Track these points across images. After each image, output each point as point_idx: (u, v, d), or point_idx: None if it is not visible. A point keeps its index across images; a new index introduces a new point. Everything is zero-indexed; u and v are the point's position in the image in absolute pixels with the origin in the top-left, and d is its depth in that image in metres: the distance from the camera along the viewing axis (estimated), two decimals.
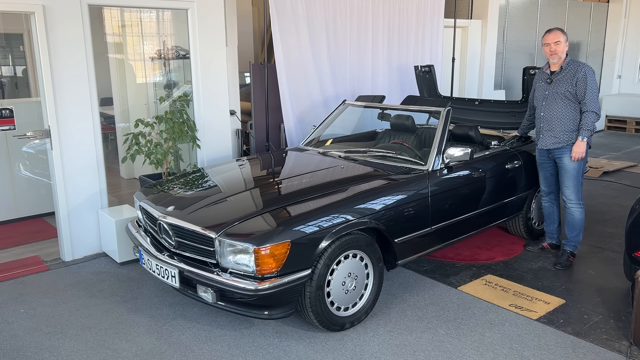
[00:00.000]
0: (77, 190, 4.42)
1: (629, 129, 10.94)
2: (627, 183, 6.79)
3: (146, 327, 3.40)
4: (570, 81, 4.02)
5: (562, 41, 4.03)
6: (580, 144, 4.03)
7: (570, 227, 4.27)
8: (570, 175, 4.14)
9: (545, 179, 4.37)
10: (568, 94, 4.03)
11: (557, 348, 3.13)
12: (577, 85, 3.99)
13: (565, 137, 4.10)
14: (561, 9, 10.53)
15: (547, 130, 4.17)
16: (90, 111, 4.37)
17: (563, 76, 4.07)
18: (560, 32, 4.06)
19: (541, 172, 4.38)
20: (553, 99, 4.11)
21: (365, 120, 5.91)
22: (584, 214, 4.24)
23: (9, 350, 3.15)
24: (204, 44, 4.94)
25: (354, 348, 3.15)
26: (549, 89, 4.13)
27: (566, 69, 4.07)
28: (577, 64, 4.04)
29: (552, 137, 4.14)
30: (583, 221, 4.25)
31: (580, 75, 3.98)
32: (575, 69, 4.03)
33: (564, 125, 4.09)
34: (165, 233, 3.36)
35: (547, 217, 4.50)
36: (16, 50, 7.98)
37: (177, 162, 5.32)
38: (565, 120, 4.08)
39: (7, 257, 4.53)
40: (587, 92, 3.96)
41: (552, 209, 4.45)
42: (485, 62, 8.93)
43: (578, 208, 4.20)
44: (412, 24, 6.86)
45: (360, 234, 3.29)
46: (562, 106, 4.07)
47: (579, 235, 4.28)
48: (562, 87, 4.05)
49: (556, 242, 4.53)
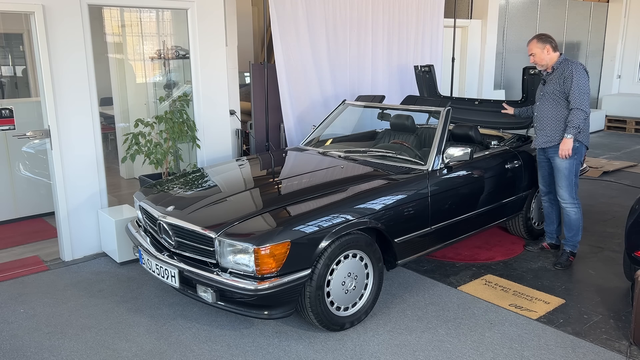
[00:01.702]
0: (77, 190, 4.42)
1: (628, 128, 10.94)
2: (627, 183, 6.79)
3: (146, 327, 3.40)
4: (558, 79, 4.05)
5: (535, 51, 4.09)
6: (566, 141, 4.01)
7: (567, 227, 4.27)
8: (562, 174, 4.13)
9: (543, 178, 4.38)
10: (557, 92, 4.06)
11: (557, 348, 3.13)
12: (564, 83, 4.01)
13: (555, 136, 4.11)
14: (561, 9, 10.53)
15: (540, 130, 4.21)
16: (90, 111, 4.37)
17: (554, 76, 4.10)
18: (533, 41, 4.11)
19: (539, 171, 4.40)
20: (545, 99, 4.15)
21: (365, 120, 5.91)
22: (580, 214, 4.22)
23: (8, 350, 3.15)
24: (203, 44, 4.94)
25: (354, 348, 3.15)
26: (544, 90, 4.18)
27: (557, 69, 4.09)
28: (567, 63, 4.04)
29: (544, 136, 4.17)
30: (580, 221, 4.24)
31: (567, 73, 3.99)
32: (564, 67, 4.04)
33: (554, 124, 4.11)
34: (165, 233, 3.36)
35: (546, 217, 4.50)
36: (16, 50, 7.98)
37: (177, 162, 5.32)
38: (554, 119, 4.10)
39: (7, 257, 4.53)
40: (572, 88, 3.95)
41: (552, 209, 4.44)
42: (485, 62, 8.93)
43: (573, 208, 4.19)
44: (412, 23, 6.86)
45: (360, 233, 3.29)
46: (552, 106, 4.10)
47: (578, 235, 4.28)
48: (552, 87, 4.09)
49: (556, 242, 4.53)
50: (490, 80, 9.17)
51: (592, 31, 11.46)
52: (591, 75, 11.77)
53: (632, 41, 11.68)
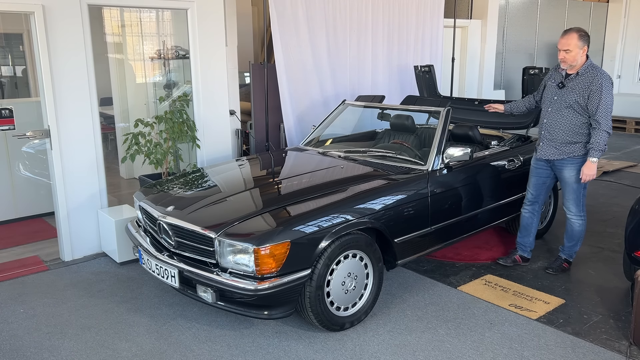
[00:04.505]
0: (77, 190, 4.42)
1: (628, 129, 10.94)
2: (627, 183, 6.79)
3: (146, 327, 3.40)
4: (582, 91, 3.63)
5: (573, 49, 3.61)
6: (590, 165, 3.66)
7: (568, 237, 4.08)
8: (571, 188, 3.89)
9: (536, 186, 4.09)
10: (577, 105, 3.67)
11: (556, 348, 3.13)
12: (589, 98, 3.60)
13: (565, 149, 3.81)
14: (561, 9, 10.53)
15: (548, 140, 3.88)
16: (90, 111, 4.37)
17: (577, 83, 3.68)
18: (575, 37, 3.61)
19: (533, 177, 4.09)
20: (559, 107, 3.78)
21: (365, 120, 5.90)
22: (584, 226, 4.01)
23: (8, 350, 3.15)
24: (203, 44, 4.94)
25: (354, 348, 3.15)
26: (559, 94, 3.78)
27: (582, 75, 3.67)
28: (596, 72, 3.62)
29: (553, 147, 3.86)
30: (583, 233, 4.03)
31: (595, 87, 3.57)
32: (592, 77, 3.61)
33: (566, 136, 3.78)
34: (165, 233, 3.36)
35: (524, 228, 4.20)
36: (16, 50, 7.98)
37: (177, 162, 5.32)
38: (567, 131, 3.77)
39: (7, 257, 4.53)
40: (600, 107, 3.56)
41: (532, 220, 4.17)
42: (485, 62, 8.94)
43: (579, 220, 3.98)
44: (412, 23, 6.86)
45: (360, 234, 3.28)
46: (567, 116, 3.74)
47: (577, 246, 4.09)
48: (572, 96, 3.68)
49: (528, 255, 4.26)
50: (490, 80, 9.17)
51: (592, 31, 11.46)
52: None
53: (632, 41, 11.68)
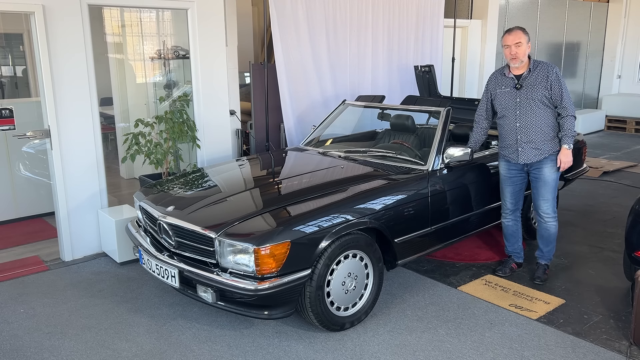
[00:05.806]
0: (77, 190, 4.42)
1: (628, 129, 10.94)
2: (627, 183, 6.79)
3: (146, 327, 3.40)
4: (544, 85, 3.68)
5: (523, 42, 3.66)
6: (566, 152, 3.70)
7: (545, 241, 3.99)
8: (549, 187, 3.82)
9: (514, 195, 4.00)
10: (544, 99, 3.69)
11: (557, 348, 3.13)
12: (552, 89, 3.67)
13: (546, 147, 3.76)
14: (561, 9, 10.53)
15: (527, 142, 3.78)
16: (90, 111, 4.37)
17: (534, 79, 3.71)
18: (521, 32, 3.69)
19: (509, 187, 3.99)
20: (528, 106, 3.73)
21: (365, 120, 5.90)
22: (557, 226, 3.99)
23: (9, 350, 3.15)
24: (203, 44, 4.94)
25: (354, 348, 3.15)
26: (521, 96, 3.75)
27: (535, 70, 3.72)
28: (545, 64, 3.72)
29: (533, 148, 3.78)
30: (556, 234, 4.00)
31: (553, 77, 3.66)
32: (545, 69, 3.69)
33: (544, 133, 3.75)
34: (165, 233, 3.36)
35: (510, 237, 4.16)
36: (16, 50, 7.98)
37: (177, 162, 5.32)
38: (544, 128, 3.74)
39: (7, 257, 4.53)
40: (563, 94, 3.66)
41: (516, 227, 4.13)
42: (485, 62, 8.93)
43: (554, 222, 3.92)
44: (412, 23, 6.86)
45: (360, 234, 3.29)
46: (540, 113, 3.72)
47: (554, 248, 4.05)
48: (538, 92, 3.69)
49: (521, 260, 4.24)
50: None
51: (592, 31, 11.46)
52: (591, 75, 11.81)
53: (632, 41, 11.68)
